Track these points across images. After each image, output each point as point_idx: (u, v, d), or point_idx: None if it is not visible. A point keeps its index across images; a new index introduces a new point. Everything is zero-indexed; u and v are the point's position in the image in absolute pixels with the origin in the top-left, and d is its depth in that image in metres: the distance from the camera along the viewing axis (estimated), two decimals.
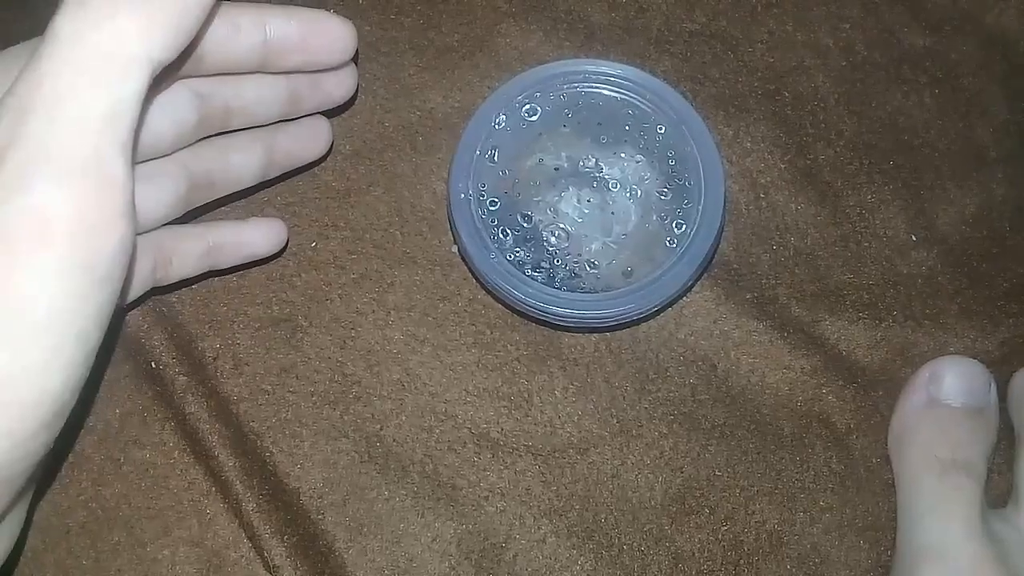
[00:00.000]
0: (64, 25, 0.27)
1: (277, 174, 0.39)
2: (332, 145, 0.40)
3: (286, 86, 0.36)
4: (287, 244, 0.39)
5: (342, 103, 0.39)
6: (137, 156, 0.32)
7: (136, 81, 0.27)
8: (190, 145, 0.36)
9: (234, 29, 0.33)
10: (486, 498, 0.38)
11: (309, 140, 0.39)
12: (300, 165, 0.40)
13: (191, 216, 0.38)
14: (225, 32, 0.33)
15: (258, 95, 0.36)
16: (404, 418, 0.39)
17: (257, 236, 0.38)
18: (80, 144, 0.26)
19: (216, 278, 0.40)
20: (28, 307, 0.26)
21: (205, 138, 0.36)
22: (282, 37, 0.34)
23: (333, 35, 0.35)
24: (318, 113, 0.39)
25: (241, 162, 0.37)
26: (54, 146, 0.26)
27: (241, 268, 0.40)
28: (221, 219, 0.39)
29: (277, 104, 0.37)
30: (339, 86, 0.38)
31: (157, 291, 0.38)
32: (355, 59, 0.37)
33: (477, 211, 0.38)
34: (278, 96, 0.36)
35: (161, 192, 0.35)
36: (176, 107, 0.34)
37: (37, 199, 0.26)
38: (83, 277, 0.26)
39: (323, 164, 0.41)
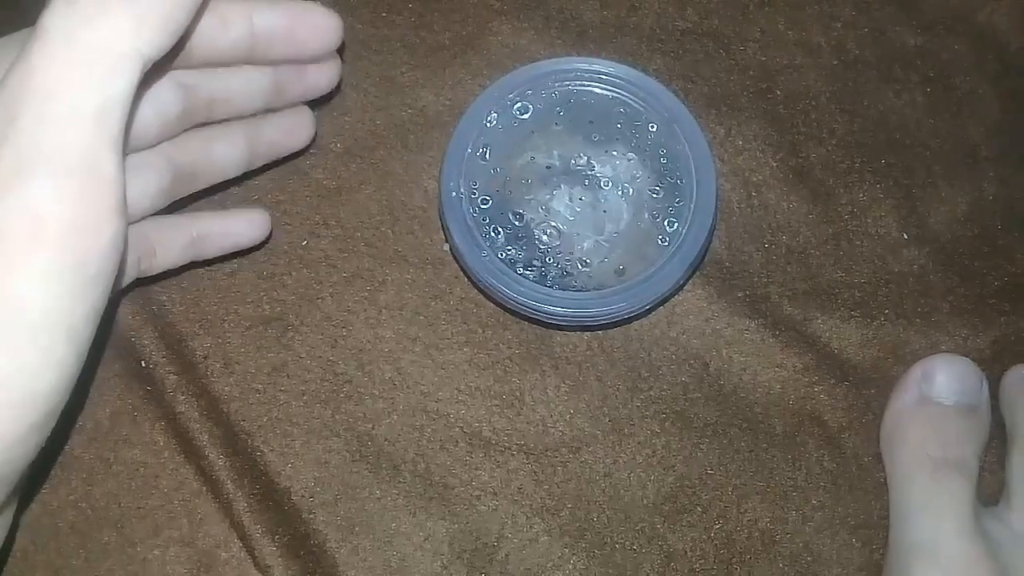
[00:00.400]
0: (54, 21, 0.26)
1: (261, 165, 0.39)
2: (316, 136, 0.40)
3: (271, 77, 0.36)
4: (271, 235, 0.39)
5: (327, 92, 0.38)
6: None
7: (127, 78, 0.27)
8: (174, 137, 0.35)
9: (221, 21, 0.33)
10: (478, 497, 0.38)
11: (292, 130, 0.39)
12: (284, 155, 0.40)
13: (175, 207, 0.37)
14: (212, 24, 0.33)
15: (243, 86, 0.36)
16: (396, 417, 0.38)
17: (241, 226, 0.38)
18: (72, 142, 0.26)
19: (207, 277, 0.40)
20: (23, 308, 0.26)
21: (188, 129, 0.36)
22: (268, 29, 0.34)
23: (319, 26, 0.35)
24: (302, 104, 0.39)
25: (225, 153, 0.37)
26: (46, 144, 0.26)
27: (230, 264, 0.40)
28: (205, 209, 0.39)
29: (262, 95, 0.37)
30: (323, 76, 0.38)
31: (142, 283, 0.37)
32: (341, 50, 0.37)
33: (468, 209, 0.38)
34: (263, 87, 0.36)
35: (146, 184, 0.35)
36: (160, 99, 0.34)
37: (31, 199, 0.26)
38: (76, 276, 0.26)
39: (314, 162, 0.41)
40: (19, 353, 0.26)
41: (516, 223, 0.39)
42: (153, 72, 0.29)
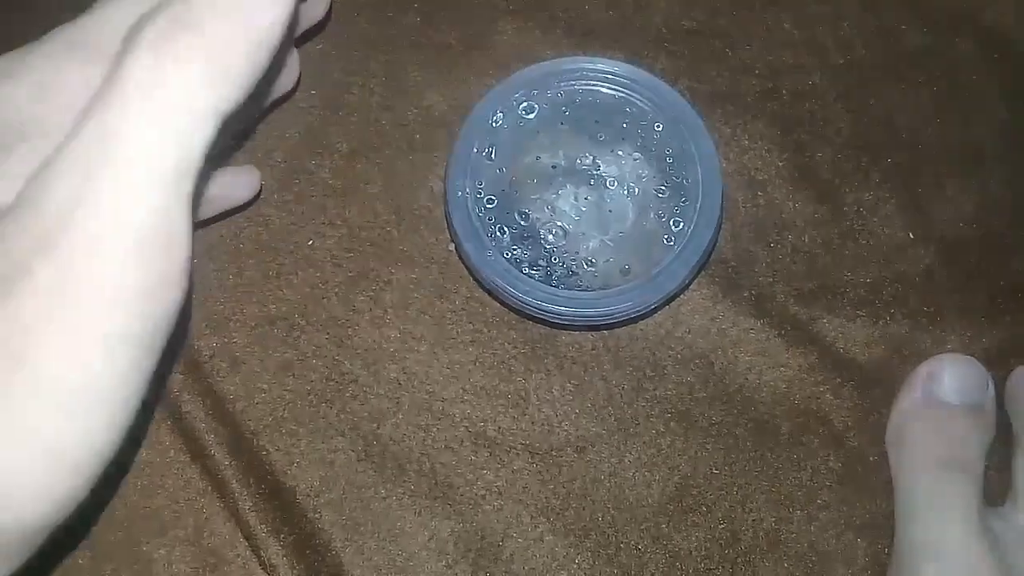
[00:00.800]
0: (134, 72, 0.25)
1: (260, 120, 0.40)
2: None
3: None
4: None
5: (321, 22, 0.40)
6: None
7: (205, 135, 0.26)
8: None
9: None
10: (483, 497, 0.38)
11: (288, 74, 0.39)
12: (278, 105, 0.41)
13: None
14: None
15: None
16: (401, 416, 0.38)
17: (236, 187, 0.39)
18: (150, 206, 0.25)
19: (213, 277, 0.40)
20: (94, 374, 0.25)
21: None
22: None
23: None
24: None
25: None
26: (123, 208, 0.25)
27: (236, 264, 0.40)
28: None
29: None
30: (319, 5, 0.39)
31: None
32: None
33: (474, 209, 0.38)
34: None
35: None
36: None
37: (107, 266, 0.25)
38: (143, 340, 0.26)
39: (320, 162, 0.41)
40: (86, 419, 0.25)
41: (522, 223, 0.39)
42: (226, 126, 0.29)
